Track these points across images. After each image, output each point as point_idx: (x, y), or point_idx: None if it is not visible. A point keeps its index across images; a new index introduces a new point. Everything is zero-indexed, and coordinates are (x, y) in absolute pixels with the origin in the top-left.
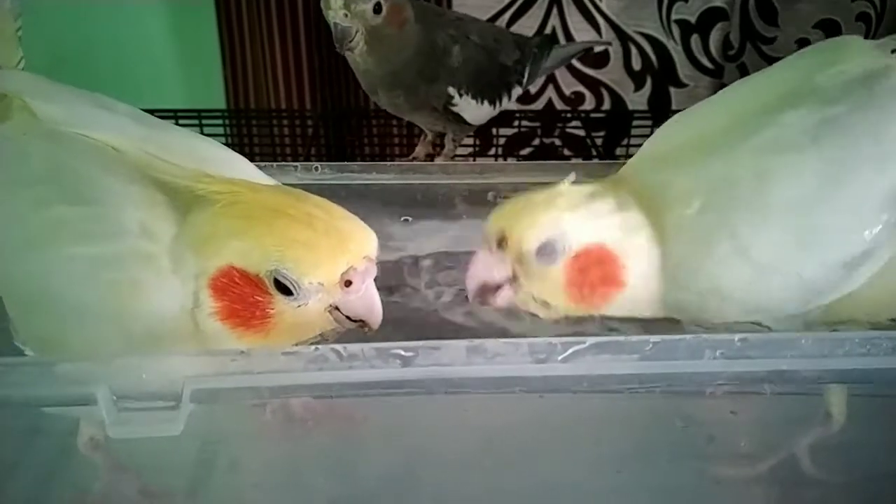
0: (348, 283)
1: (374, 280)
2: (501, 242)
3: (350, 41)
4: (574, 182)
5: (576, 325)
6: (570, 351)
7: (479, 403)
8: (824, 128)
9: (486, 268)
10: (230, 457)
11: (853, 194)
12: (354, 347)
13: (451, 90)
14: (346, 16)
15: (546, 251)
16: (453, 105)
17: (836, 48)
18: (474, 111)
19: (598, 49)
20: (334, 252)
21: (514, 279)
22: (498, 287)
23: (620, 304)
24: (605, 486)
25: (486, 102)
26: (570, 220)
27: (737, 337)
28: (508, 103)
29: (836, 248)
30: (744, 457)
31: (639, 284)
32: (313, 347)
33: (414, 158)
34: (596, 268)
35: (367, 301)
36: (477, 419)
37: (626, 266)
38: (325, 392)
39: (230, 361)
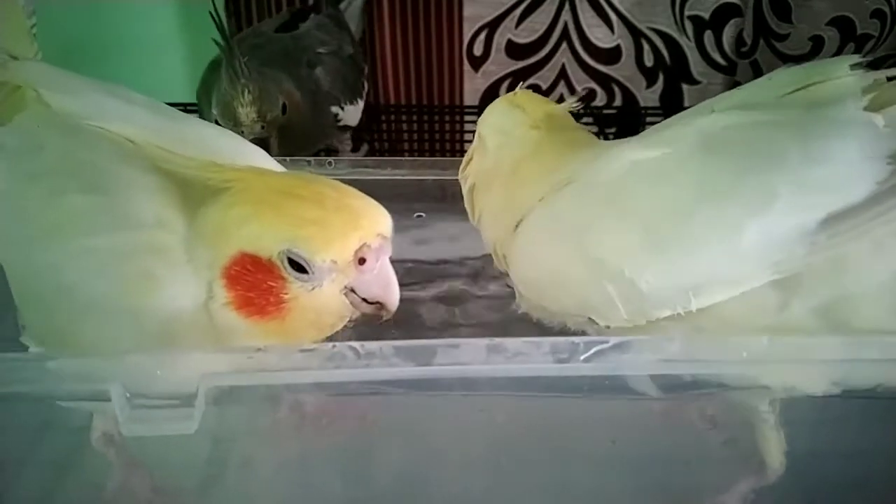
0: (362, 261)
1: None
2: None
3: (267, 149)
4: None
5: None
6: (592, 350)
7: (494, 403)
8: (718, 138)
9: None
10: (243, 454)
11: (714, 220)
12: (372, 345)
13: (335, 109)
14: (262, 128)
15: None
16: (339, 120)
17: (819, 69)
18: (353, 114)
19: None
20: (346, 228)
21: None
22: None
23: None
24: (623, 488)
25: (357, 100)
26: (471, 170)
27: (765, 339)
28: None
29: (678, 268)
30: (765, 460)
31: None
32: (331, 345)
33: None
34: None
35: (383, 280)
36: (492, 418)
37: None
38: (342, 390)
39: (246, 359)
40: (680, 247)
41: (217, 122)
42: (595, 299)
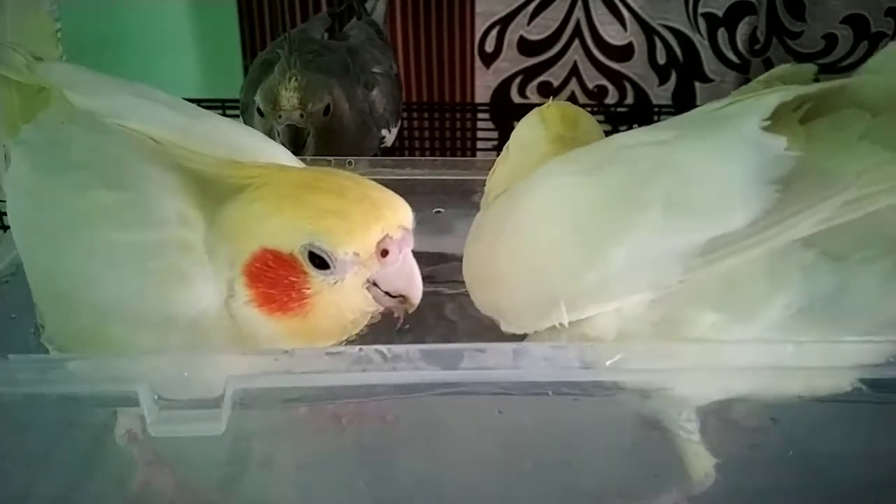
0: (384, 254)
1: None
2: None
3: (303, 143)
4: None
5: None
6: (618, 356)
7: (514, 405)
8: (617, 156)
9: None
10: (264, 454)
11: (586, 238)
12: (399, 348)
13: (384, 132)
14: (301, 116)
15: None
16: (384, 143)
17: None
18: (393, 135)
19: None
20: (367, 219)
21: None
22: None
23: None
24: (642, 491)
25: (399, 122)
26: (492, 181)
27: (790, 344)
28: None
29: (551, 280)
30: (786, 465)
31: None
32: (357, 348)
33: None
34: None
35: (406, 273)
36: (511, 421)
37: None
38: (368, 393)
39: (274, 361)
40: (553, 260)
41: (259, 110)
42: (497, 302)
